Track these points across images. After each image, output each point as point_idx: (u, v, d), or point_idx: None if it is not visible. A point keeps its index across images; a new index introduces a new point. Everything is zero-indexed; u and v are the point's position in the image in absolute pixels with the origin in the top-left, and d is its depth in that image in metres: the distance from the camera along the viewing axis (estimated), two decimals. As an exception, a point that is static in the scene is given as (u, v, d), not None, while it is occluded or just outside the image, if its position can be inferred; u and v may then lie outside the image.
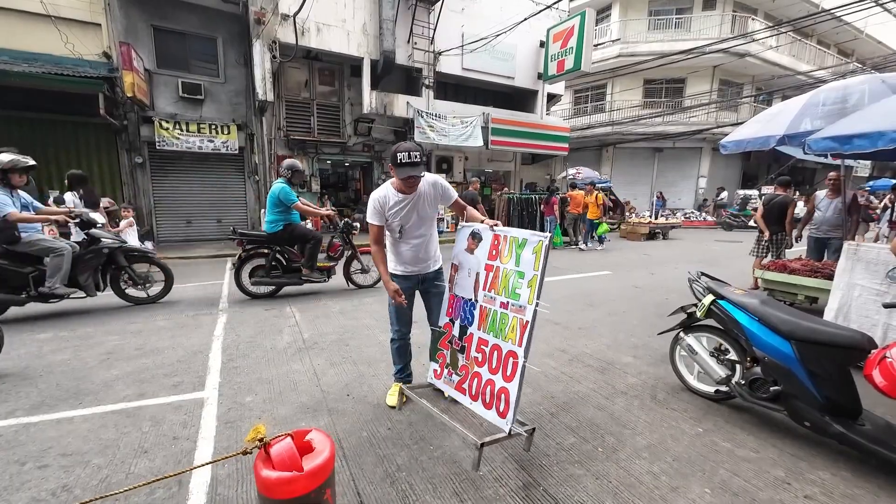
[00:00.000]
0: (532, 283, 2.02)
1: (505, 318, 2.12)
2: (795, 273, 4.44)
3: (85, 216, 4.40)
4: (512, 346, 2.06)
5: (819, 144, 3.22)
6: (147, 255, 5.03)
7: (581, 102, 20.80)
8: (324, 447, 1.47)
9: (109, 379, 2.95)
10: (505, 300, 2.14)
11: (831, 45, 20.96)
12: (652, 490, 1.91)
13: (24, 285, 4.09)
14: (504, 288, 2.15)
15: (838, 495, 1.90)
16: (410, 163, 2.12)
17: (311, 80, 11.35)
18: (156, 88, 9.79)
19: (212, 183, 10.77)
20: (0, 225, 3.82)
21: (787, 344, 2.23)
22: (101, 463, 2.05)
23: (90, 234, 4.46)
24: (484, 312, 2.25)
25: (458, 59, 12.01)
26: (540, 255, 1.99)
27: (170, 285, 5.01)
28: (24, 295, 4.10)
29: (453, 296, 2.48)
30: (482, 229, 2.35)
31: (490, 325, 2.21)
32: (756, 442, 2.30)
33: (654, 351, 3.56)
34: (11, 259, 4.02)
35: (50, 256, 4.12)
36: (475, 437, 1.94)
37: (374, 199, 2.32)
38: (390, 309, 2.56)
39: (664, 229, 13.04)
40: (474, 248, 2.37)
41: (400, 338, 2.60)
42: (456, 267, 2.48)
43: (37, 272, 4.12)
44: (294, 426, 2.39)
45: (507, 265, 2.16)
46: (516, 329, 2.05)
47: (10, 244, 3.97)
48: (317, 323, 4.26)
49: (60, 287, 4.13)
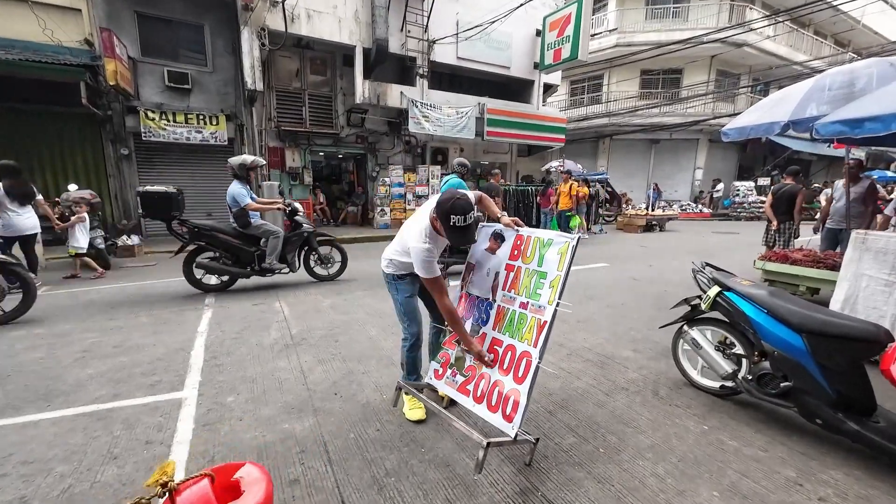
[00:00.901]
0: (554, 283, 1.96)
1: (524, 318, 2.03)
2: (797, 264, 4.34)
3: (291, 206, 5.20)
4: (527, 347, 1.96)
5: (828, 129, 3.09)
6: (329, 239, 5.72)
7: (577, 93, 20.58)
8: (257, 487, 1.14)
9: (83, 379, 2.79)
10: (525, 300, 2.06)
11: (828, 35, 20.85)
12: (657, 494, 1.79)
13: (251, 262, 5.04)
14: (525, 288, 2.08)
15: (853, 496, 1.79)
16: (466, 226, 1.89)
17: (302, 70, 11.07)
18: (141, 77, 9.49)
19: (201, 175, 10.50)
20: (239, 212, 4.79)
21: (798, 337, 2.11)
22: (65, 471, 1.90)
23: (295, 221, 5.24)
24: (501, 312, 2.16)
25: (453, 48, 11.76)
26: (566, 256, 1.95)
27: (345, 265, 5.80)
28: (248, 269, 5.04)
29: (466, 294, 2.38)
30: (505, 230, 2.27)
31: (507, 326, 2.11)
32: (764, 440, 2.19)
33: (655, 344, 3.45)
34: (243, 240, 4.95)
35: (269, 238, 4.99)
36: (481, 436, 1.80)
37: (424, 249, 2.00)
38: (402, 309, 2.33)
39: (661, 221, 12.95)
40: (496, 249, 2.29)
41: (416, 339, 2.36)
42: (473, 266, 2.39)
43: (259, 251, 5.01)
44: (277, 427, 2.25)
45: (529, 265, 2.10)
46: (534, 329, 1.97)
47: (244, 228, 4.91)
48: (306, 318, 4.11)
49: (276, 263, 5.09)
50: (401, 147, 12.49)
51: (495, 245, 2.30)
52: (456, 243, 1.99)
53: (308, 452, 2.05)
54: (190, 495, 1.06)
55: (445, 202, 1.89)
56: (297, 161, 11.23)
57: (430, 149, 13.09)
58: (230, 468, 1.22)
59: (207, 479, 1.12)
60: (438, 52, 11.64)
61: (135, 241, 8.10)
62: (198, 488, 1.08)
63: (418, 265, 2.03)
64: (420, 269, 2.03)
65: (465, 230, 1.92)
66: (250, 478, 1.18)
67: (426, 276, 2.03)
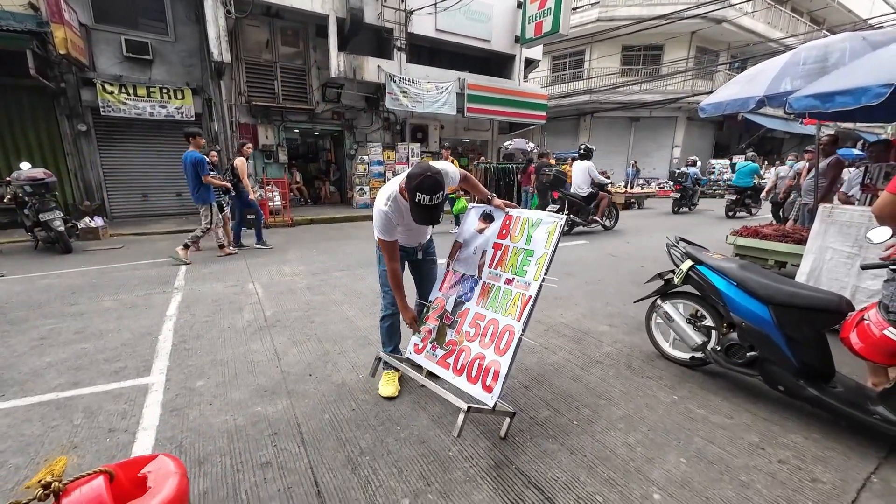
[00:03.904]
0: (541, 260, 2.00)
1: (508, 293, 2.06)
2: (767, 238, 4.45)
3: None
4: (511, 321, 1.98)
5: (800, 103, 3.11)
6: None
7: (559, 70, 20.32)
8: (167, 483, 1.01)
9: (40, 367, 2.65)
10: (511, 276, 2.08)
11: (804, 12, 21.03)
12: (627, 462, 1.84)
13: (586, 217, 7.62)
14: (511, 265, 2.11)
15: (810, 458, 1.88)
16: (432, 206, 1.81)
17: (272, 41, 10.49)
18: (95, 46, 8.79)
19: (168, 153, 9.93)
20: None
21: (766, 309, 2.16)
22: (19, 463, 1.80)
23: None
24: (486, 288, 2.19)
25: (432, 19, 11.33)
26: (553, 235, 2.00)
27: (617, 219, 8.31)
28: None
29: (452, 272, 2.39)
30: (495, 210, 2.29)
31: (491, 301, 2.12)
32: (730, 407, 2.27)
33: (630, 319, 3.51)
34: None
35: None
36: (461, 402, 1.79)
37: (382, 211, 1.97)
38: (380, 277, 2.36)
39: (639, 199, 13.12)
40: (485, 229, 2.30)
41: (393, 313, 2.39)
42: (460, 245, 2.40)
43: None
44: (249, 411, 2.20)
45: (517, 244, 2.14)
46: (518, 304, 1.99)
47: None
48: (281, 299, 4.00)
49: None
50: (379, 124, 12.13)
51: (485, 225, 2.32)
52: (418, 221, 1.91)
53: (281, 434, 2.01)
54: (79, 496, 0.93)
55: (415, 177, 1.80)
56: (271, 138, 10.77)
57: (410, 126, 12.76)
58: (139, 462, 1.11)
59: (103, 476, 0.98)
60: (417, 23, 11.20)
61: (98, 223, 7.68)
62: (90, 488, 0.95)
63: (376, 224, 2.03)
64: (376, 229, 2.04)
65: (429, 210, 1.82)
66: (160, 472, 1.05)
67: (379, 237, 2.05)
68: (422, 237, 2.36)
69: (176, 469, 1.07)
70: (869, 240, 1.98)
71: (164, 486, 1.00)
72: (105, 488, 0.96)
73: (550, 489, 1.69)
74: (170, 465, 1.08)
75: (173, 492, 0.99)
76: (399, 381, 2.41)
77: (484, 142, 14.86)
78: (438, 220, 1.93)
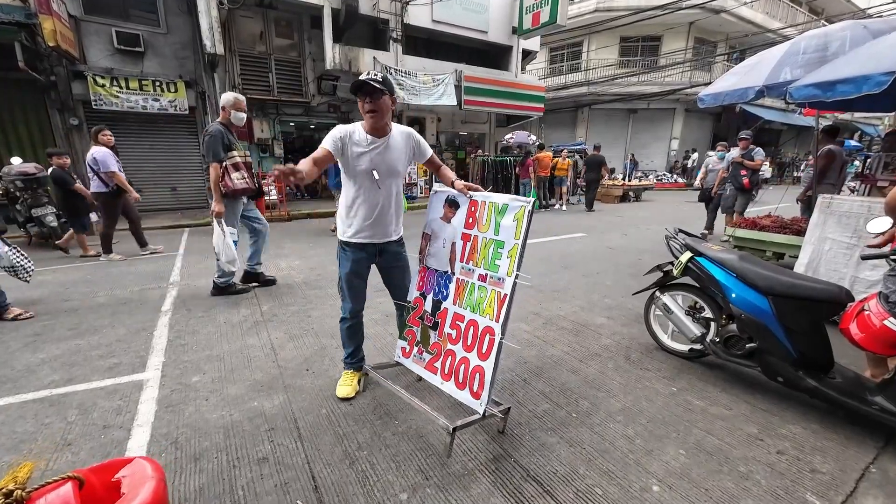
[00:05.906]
0: (512, 252, 1.84)
1: (483, 291, 1.94)
2: (765, 230, 4.45)
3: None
4: (489, 322, 1.88)
5: (801, 92, 3.08)
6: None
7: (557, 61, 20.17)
8: (143, 488, 0.95)
9: (34, 364, 2.62)
10: (484, 272, 1.96)
11: (803, 2, 20.90)
12: (626, 455, 1.83)
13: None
14: (483, 259, 1.97)
15: (809, 448, 1.88)
16: (368, 82, 1.83)
17: (266, 32, 10.33)
18: (86, 38, 8.64)
19: (162, 148, 9.84)
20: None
21: (765, 300, 2.15)
22: (12, 461, 1.78)
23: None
24: (461, 286, 2.05)
25: (428, 10, 11.17)
26: (522, 223, 1.82)
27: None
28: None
29: (425, 268, 2.25)
30: (458, 195, 2.11)
31: (467, 300, 2.01)
32: (728, 398, 2.26)
33: (629, 311, 3.50)
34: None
35: None
36: (447, 422, 1.76)
37: (338, 127, 2.00)
38: (342, 283, 2.22)
39: (637, 191, 13.10)
40: (451, 217, 2.14)
41: (352, 316, 2.26)
42: (429, 237, 2.24)
43: None
44: (246, 406, 2.18)
45: (486, 234, 1.97)
46: (494, 303, 1.88)
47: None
48: (277, 294, 3.97)
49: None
50: (376, 117, 12.01)
51: (451, 213, 2.15)
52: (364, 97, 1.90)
53: (278, 430, 1.99)
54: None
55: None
56: (266, 132, 10.66)
57: (407, 118, 12.65)
58: (113, 466, 1.05)
59: (72, 482, 0.92)
60: (413, 14, 11.04)
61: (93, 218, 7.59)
62: (56, 496, 0.89)
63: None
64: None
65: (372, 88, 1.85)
66: (136, 477, 0.99)
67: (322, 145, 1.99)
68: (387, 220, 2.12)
69: (153, 473, 1.01)
70: (868, 231, 1.97)
71: (139, 492, 0.94)
72: (73, 496, 0.91)
73: (549, 482, 1.68)
74: (146, 469, 1.02)
75: (149, 497, 0.93)
76: (359, 382, 2.32)
77: (481, 135, 14.76)
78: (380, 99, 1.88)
